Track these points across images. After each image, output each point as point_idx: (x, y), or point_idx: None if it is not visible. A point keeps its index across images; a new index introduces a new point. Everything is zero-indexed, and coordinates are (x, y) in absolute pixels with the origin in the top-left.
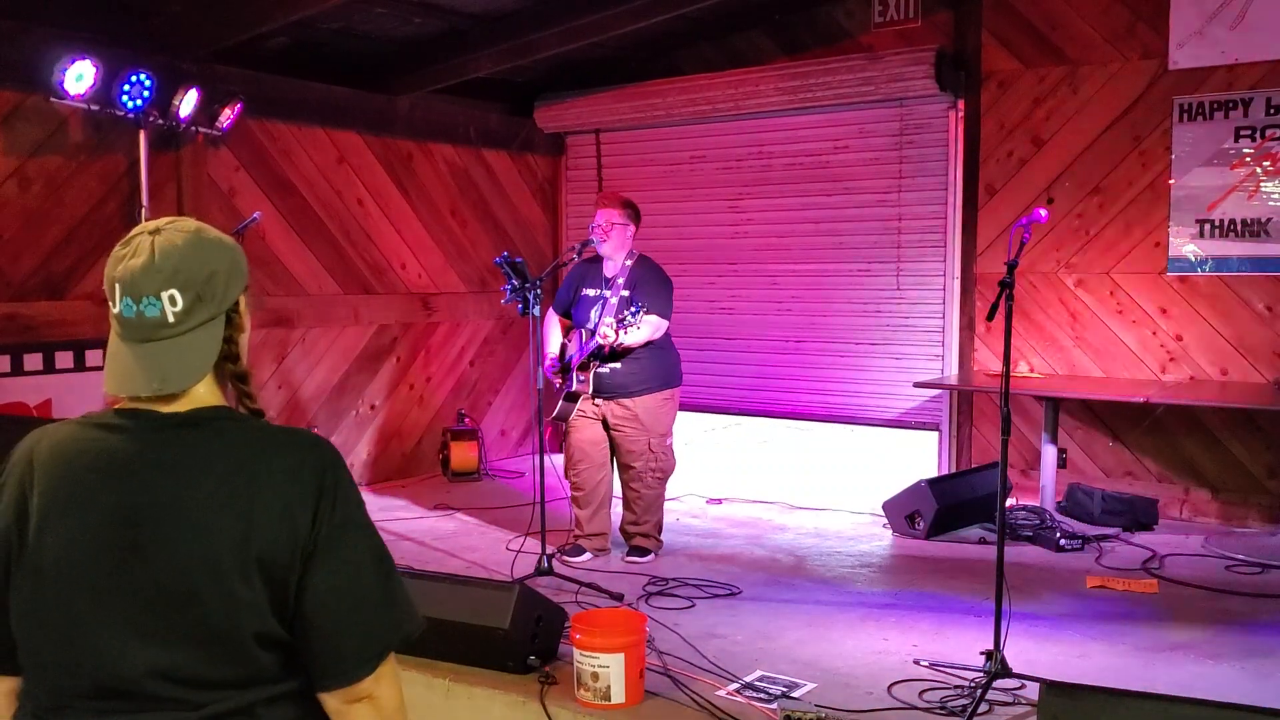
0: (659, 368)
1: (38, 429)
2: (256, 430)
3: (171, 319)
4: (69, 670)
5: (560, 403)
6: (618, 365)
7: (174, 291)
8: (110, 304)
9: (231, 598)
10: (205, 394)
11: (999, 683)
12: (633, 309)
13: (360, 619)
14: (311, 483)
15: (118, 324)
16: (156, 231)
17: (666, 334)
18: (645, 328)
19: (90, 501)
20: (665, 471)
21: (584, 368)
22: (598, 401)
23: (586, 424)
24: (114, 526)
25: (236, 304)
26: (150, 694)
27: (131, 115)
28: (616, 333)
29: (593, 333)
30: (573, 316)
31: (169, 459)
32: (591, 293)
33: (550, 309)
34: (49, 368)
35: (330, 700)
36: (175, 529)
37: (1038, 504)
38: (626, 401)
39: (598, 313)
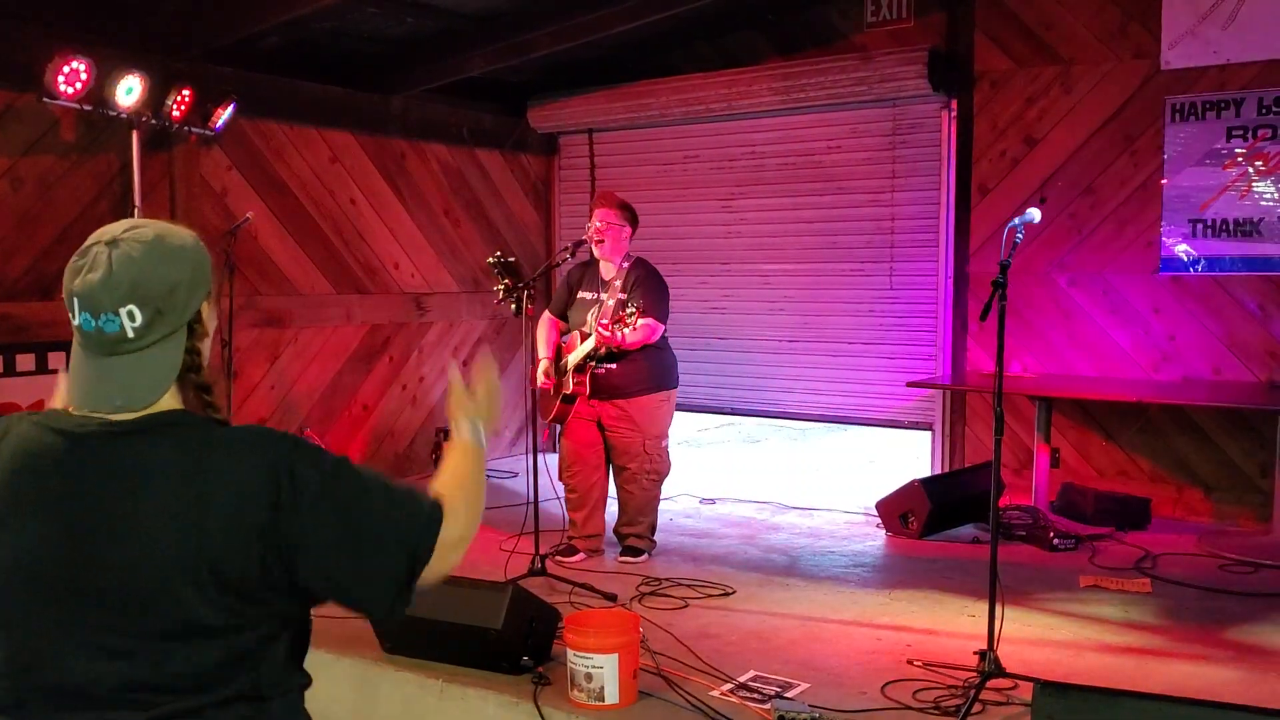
0: (655, 369)
1: (3, 420)
2: (206, 436)
3: (131, 334)
4: (26, 671)
5: (556, 405)
6: (614, 366)
7: (132, 307)
8: (70, 315)
9: (182, 607)
10: (163, 399)
11: (993, 682)
12: (628, 309)
13: (368, 576)
14: (264, 480)
15: (79, 335)
16: (114, 243)
17: (664, 336)
18: (640, 329)
19: (41, 510)
20: (660, 474)
21: (580, 369)
22: (592, 402)
23: (581, 426)
24: (65, 537)
25: (198, 313)
26: (103, 698)
27: (124, 115)
28: (611, 330)
29: (588, 335)
30: (568, 320)
31: (117, 469)
32: (588, 295)
33: (545, 312)
34: (41, 368)
35: None
36: (125, 541)
37: (1031, 503)
38: (622, 403)
39: (594, 316)
